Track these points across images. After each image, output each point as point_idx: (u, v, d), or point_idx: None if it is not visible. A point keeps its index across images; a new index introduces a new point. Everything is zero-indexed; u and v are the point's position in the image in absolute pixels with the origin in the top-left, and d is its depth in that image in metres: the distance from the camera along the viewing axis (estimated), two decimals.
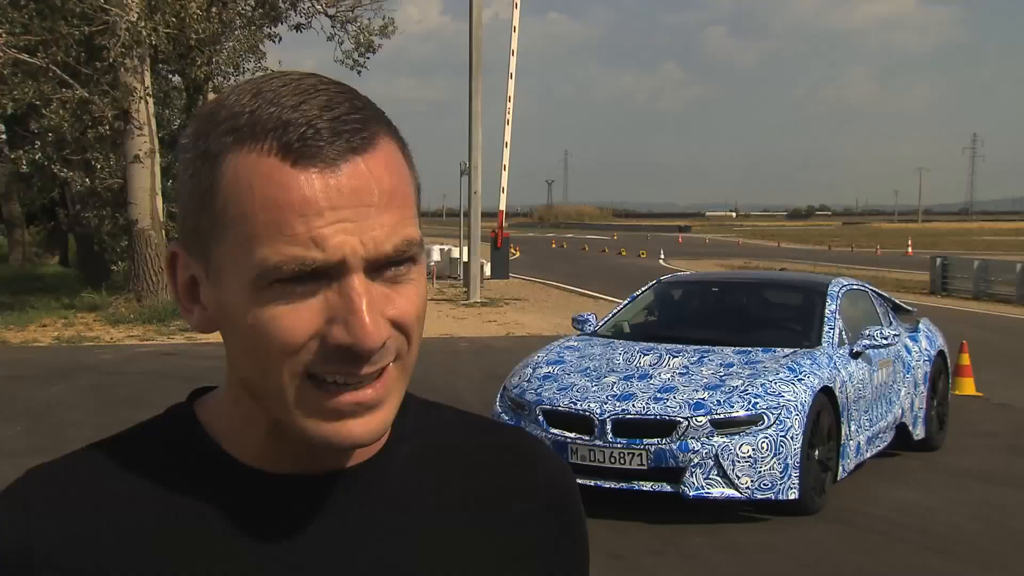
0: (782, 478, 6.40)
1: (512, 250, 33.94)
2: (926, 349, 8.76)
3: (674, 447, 6.41)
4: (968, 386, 11.10)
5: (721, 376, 6.88)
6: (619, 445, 6.48)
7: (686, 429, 6.43)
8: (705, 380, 6.82)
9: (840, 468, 7.06)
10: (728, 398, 6.57)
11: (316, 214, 0.77)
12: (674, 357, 7.26)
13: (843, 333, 7.73)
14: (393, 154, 0.82)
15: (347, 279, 0.78)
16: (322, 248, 0.77)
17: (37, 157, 19.18)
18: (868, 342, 7.53)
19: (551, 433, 6.68)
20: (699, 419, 6.44)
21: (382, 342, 0.79)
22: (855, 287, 8.61)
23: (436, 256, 28.66)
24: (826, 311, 7.82)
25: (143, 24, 17.37)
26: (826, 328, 7.65)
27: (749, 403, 6.54)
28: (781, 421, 6.48)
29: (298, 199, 0.77)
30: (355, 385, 0.80)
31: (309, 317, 0.78)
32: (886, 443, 8.03)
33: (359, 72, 21.49)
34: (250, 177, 0.78)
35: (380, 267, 0.79)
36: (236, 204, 0.79)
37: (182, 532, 0.84)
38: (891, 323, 8.66)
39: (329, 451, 0.85)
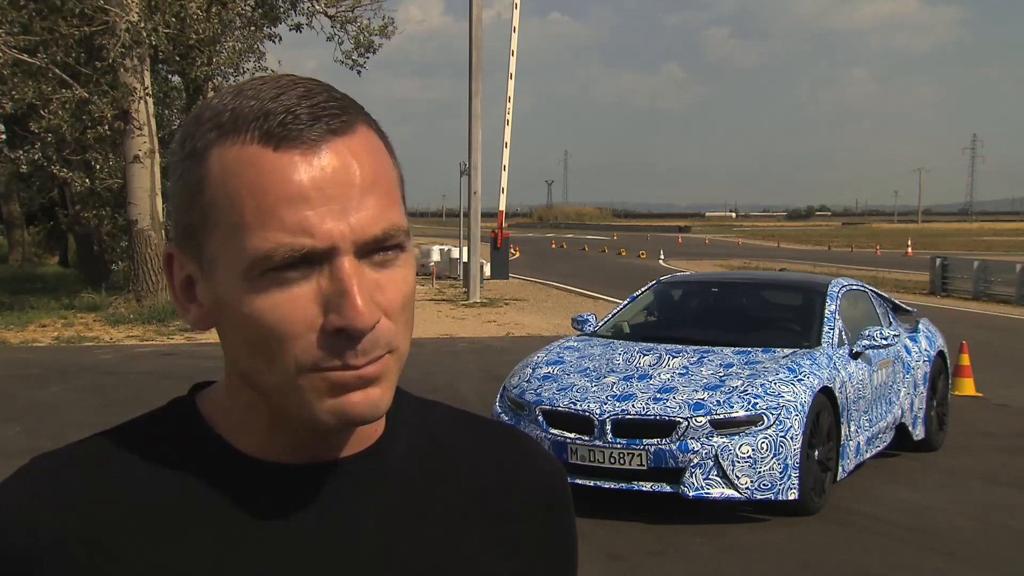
0: (782, 478, 6.40)
1: (512, 250, 33.95)
2: (926, 349, 8.76)
3: (674, 447, 6.41)
4: (968, 386, 11.10)
5: (721, 376, 6.88)
6: (619, 445, 6.48)
7: (686, 429, 6.43)
8: (705, 380, 6.82)
9: (840, 468, 7.06)
10: (728, 398, 6.57)
11: (302, 198, 0.79)
12: (674, 357, 7.26)
13: (843, 333, 7.73)
14: (373, 141, 0.84)
15: (337, 262, 0.79)
16: (311, 234, 0.78)
17: (37, 157, 19.19)
18: (868, 342, 7.53)
19: (551, 433, 6.68)
20: (699, 419, 6.44)
21: (374, 322, 0.80)
22: (855, 287, 8.61)
23: (436, 256, 28.67)
24: (826, 311, 7.82)
25: (143, 24, 17.38)
26: (826, 328, 7.65)
27: (749, 403, 6.54)
28: (781, 421, 6.48)
29: (282, 183, 0.79)
30: (353, 365, 0.81)
31: (304, 304, 0.80)
32: (886, 443, 8.03)
33: (359, 72, 21.51)
34: (235, 166, 0.80)
35: (368, 251, 0.81)
36: (223, 195, 0.81)
37: (185, 520, 0.86)
38: (891, 323, 8.66)
39: (331, 431, 0.86)
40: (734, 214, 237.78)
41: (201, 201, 0.82)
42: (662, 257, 42.71)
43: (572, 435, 6.63)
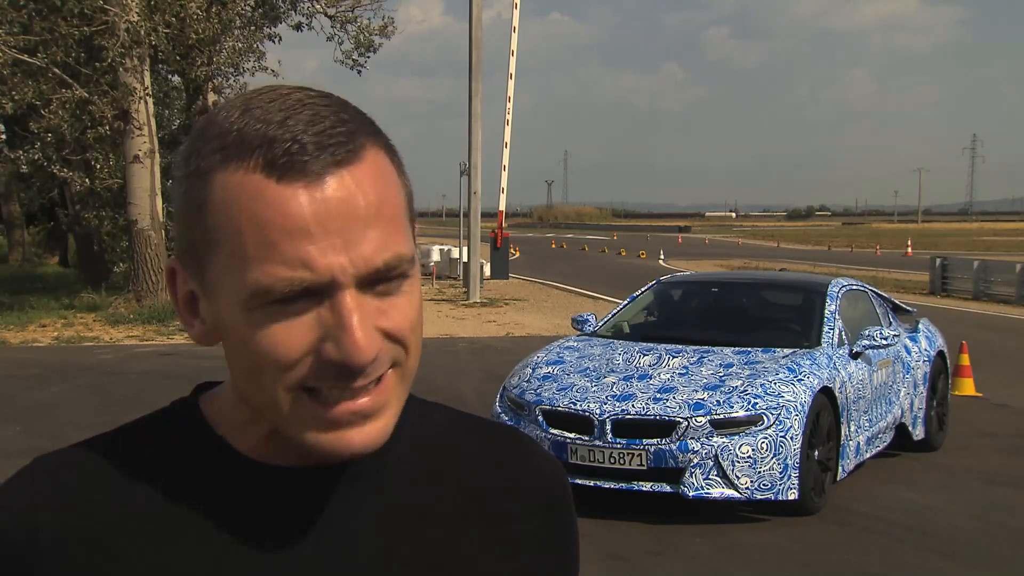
0: (782, 478, 6.40)
1: (512, 250, 33.95)
2: (926, 349, 8.76)
3: (674, 447, 6.41)
4: (968, 386, 11.10)
5: (721, 376, 6.88)
6: (619, 445, 6.48)
7: (686, 429, 6.43)
8: (705, 380, 6.82)
9: (840, 468, 7.06)
10: (728, 398, 6.57)
11: (303, 232, 0.78)
12: (674, 357, 7.26)
13: (843, 333, 7.73)
14: (381, 165, 0.83)
15: (338, 296, 0.79)
16: (311, 268, 0.78)
17: (37, 157, 19.20)
18: (868, 342, 7.53)
19: (551, 433, 6.67)
20: (699, 419, 6.44)
21: (373, 356, 0.80)
22: (855, 287, 8.61)
23: (436, 256, 28.67)
24: (826, 311, 7.82)
25: (143, 24, 17.38)
26: (826, 328, 7.65)
27: (749, 403, 6.54)
28: (781, 421, 6.48)
29: (284, 216, 0.78)
30: (351, 395, 0.81)
31: (302, 334, 0.79)
32: (886, 443, 8.03)
33: (359, 72, 21.51)
34: (237, 195, 0.79)
35: (371, 282, 0.80)
36: (225, 222, 0.80)
37: (185, 521, 0.86)
38: (891, 323, 8.66)
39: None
40: (734, 214, 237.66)
41: (203, 224, 0.81)
42: (662, 257, 42.72)
43: (572, 435, 6.63)
